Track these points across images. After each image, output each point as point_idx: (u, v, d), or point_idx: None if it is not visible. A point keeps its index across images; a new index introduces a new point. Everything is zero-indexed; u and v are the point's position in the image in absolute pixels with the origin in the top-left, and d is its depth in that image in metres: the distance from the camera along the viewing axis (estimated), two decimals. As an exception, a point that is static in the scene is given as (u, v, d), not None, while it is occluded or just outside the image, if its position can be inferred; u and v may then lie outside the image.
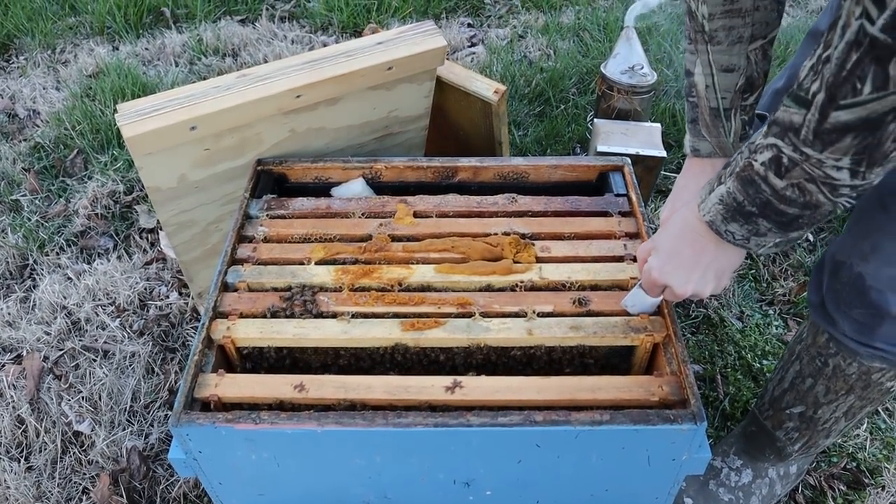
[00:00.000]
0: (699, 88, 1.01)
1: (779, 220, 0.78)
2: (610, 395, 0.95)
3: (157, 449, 1.54)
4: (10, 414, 1.58)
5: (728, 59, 0.97)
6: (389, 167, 1.33)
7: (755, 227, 0.80)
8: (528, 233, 1.18)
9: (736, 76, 0.98)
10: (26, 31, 2.89)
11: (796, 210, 0.76)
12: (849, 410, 1.19)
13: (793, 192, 0.74)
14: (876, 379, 1.12)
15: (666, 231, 0.92)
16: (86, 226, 2.05)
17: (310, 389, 0.96)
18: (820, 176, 0.71)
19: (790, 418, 1.27)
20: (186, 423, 0.91)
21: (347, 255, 1.15)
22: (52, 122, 2.40)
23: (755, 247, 0.83)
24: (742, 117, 1.02)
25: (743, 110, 1.01)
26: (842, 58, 0.63)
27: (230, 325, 1.04)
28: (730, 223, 0.81)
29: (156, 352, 1.72)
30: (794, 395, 1.24)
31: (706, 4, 0.94)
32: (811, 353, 1.18)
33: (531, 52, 2.73)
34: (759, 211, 0.78)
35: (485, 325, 1.03)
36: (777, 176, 0.74)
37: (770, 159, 0.74)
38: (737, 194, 0.79)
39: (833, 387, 1.17)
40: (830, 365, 1.15)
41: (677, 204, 1.05)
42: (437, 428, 0.90)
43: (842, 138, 0.66)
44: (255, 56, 2.73)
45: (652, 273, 0.93)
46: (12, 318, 1.80)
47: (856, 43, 0.61)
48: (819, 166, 0.70)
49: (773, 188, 0.75)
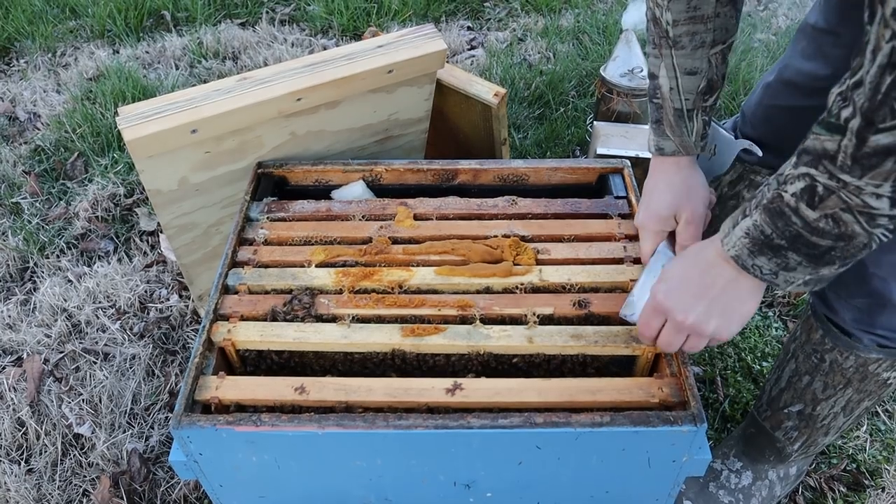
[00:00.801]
0: (663, 91, 1.04)
1: (810, 252, 0.76)
2: (610, 397, 0.95)
3: (157, 451, 1.54)
4: (10, 416, 1.58)
5: (691, 63, 1.00)
6: (390, 170, 1.33)
7: (784, 261, 0.79)
8: (528, 235, 1.18)
9: (698, 79, 1.02)
10: (27, 34, 2.89)
11: (829, 242, 0.74)
12: (847, 405, 1.20)
13: (826, 224, 0.73)
14: (873, 370, 1.12)
15: (679, 260, 0.92)
16: (86, 228, 2.05)
17: (310, 392, 0.97)
18: (858, 205, 0.69)
19: (789, 417, 1.28)
20: (187, 425, 0.92)
21: (348, 257, 1.15)
22: (52, 125, 2.41)
23: (783, 283, 0.81)
24: (703, 118, 1.05)
25: (704, 111, 1.05)
26: (875, 81, 0.62)
27: (231, 327, 1.05)
28: (757, 257, 0.80)
29: (156, 354, 1.72)
30: (792, 393, 1.25)
31: (670, 12, 0.98)
32: (806, 351, 1.19)
33: (531, 55, 2.74)
34: (788, 244, 0.77)
35: (485, 333, 1.03)
36: (809, 207, 0.73)
37: (802, 189, 0.73)
38: (765, 227, 0.77)
39: (831, 382, 1.17)
40: (827, 360, 1.15)
41: (651, 206, 1.07)
42: (437, 430, 0.90)
43: (883, 162, 0.65)
44: (256, 59, 2.74)
45: (657, 296, 0.92)
46: (13, 321, 1.80)
47: (889, 65, 0.60)
48: (857, 194, 0.68)
49: (805, 219, 0.74)
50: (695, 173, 1.08)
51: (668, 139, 1.07)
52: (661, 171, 1.09)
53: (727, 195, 1.48)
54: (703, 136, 1.07)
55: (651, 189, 1.09)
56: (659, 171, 1.09)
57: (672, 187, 1.07)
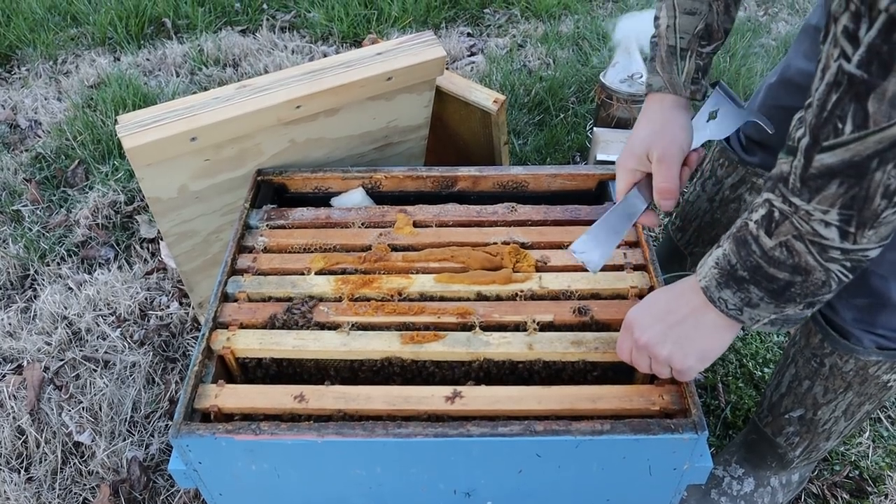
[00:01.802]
0: (661, 28, 1.06)
1: (769, 287, 0.75)
2: (610, 405, 0.95)
3: (157, 459, 1.54)
4: (10, 425, 1.58)
5: (691, 4, 1.03)
6: (389, 177, 1.33)
7: (747, 296, 0.77)
8: (527, 242, 1.18)
9: (696, 19, 1.03)
10: (28, 42, 2.90)
11: (786, 275, 0.73)
12: (848, 409, 1.19)
13: (781, 253, 0.72)
14: (873, 373, 1.12)
15: (667, 286, 0.92)
16: (87, 236, 2.05)
17: (310, 400, 0.96)
18: (808, 232, 0.69)
19: (790, 423, 1.27)
20: (186, 434, 0.91)
21: (347, 265, 1.15)
22: (53, 133, 2.41)
23: (749, 320, 0.80)
24: (697, 61, 1.05)
25: (699, 56, 1.05)
26: (822, 99, 0.62)
27: (230, 335, 1.04)
28: (723, 289, 0.79)
29: (156, 362, 1.72)
30: (793, 398, 1.24)
31: None
32: (806, 355, 1.18)
33: (530, 62, 2.74)
34: (749, 276, 0.76)
35: (485, 340, 1.02)
36: (767, 234, 0.72)
37: (763, 216, 0.73)
38: (731, 256, 0.77)
39: (831, 386, 1.17)
40: (827, 364, 1.15)
41: (628, 143, 1.06)
42: (437, 438, 0.90)
43: (827, 185, 0.65)
44: (256, 66, 2.74)
45: (628, 313, 0.93)
46: (13, 329, 1.80)
47: (835, 84, 0.61)
48: (807, 219, 0.68)
49: (763, 248, 0.73)
50: (678, 114, 1.05)
51: (658, 75, 1.06)
52: (646, 108, 1.08)
53: (729, 198, 1.48)
54: (696, 82, 1.06)
55: (636, 125, 1.08)
56: (645, 109, 1.09)
57: (650, 123, 1.06)
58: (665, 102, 1.06)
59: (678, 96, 1.06)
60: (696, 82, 1.06)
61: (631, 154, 1.05)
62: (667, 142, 1.02)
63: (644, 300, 0.92)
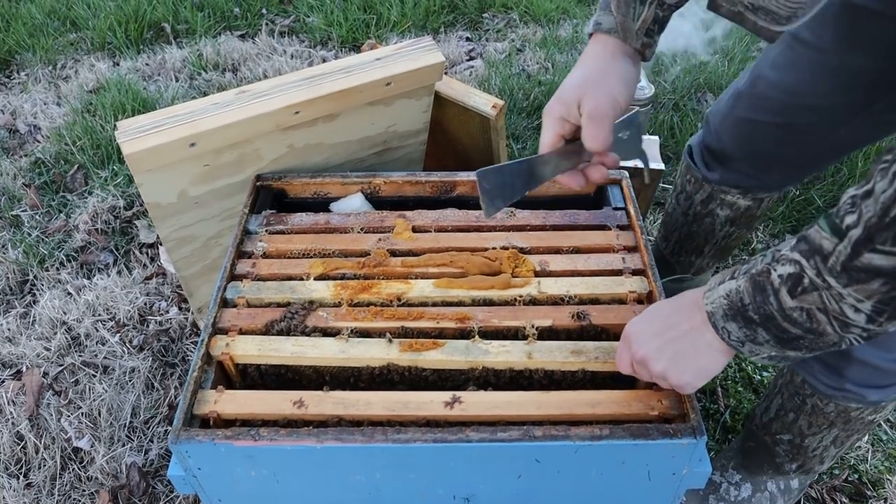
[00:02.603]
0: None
1: (779, 335, 0.75)
2: (609, 410, 0.95)
3: (156, 465, 1.54)
4: (9, 430, 1.58)
5: None
6: (388, 182, 1.33)
7: (753, 335, 0.77)
8: (526, 247, 1.18)
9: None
10: (27, 47, 2.91)
11: (799, 332, 0.73)
12: (836, 440, 1.19)
13: (800, 315, 0.72)
14: (856, 416, 1.11)
15: (668, 299, 0.91)
16: (86, 241, 2.05)
17: (309, 406, 0.96)
18: (835, 310, 0.69)
19: (780, 443, 1.28)
20: (185, 440, 0.91)
21: (346, 270, 1.15)
22: (52, 138, 2.41)
23: (748, 353, 0.79)
24: (657, 11, 0.93)
25: (660, 5, 0.94)
26: (889, 203, 0.61)
27: (229, 341, 1.04)
28: (729, 321, 0.78)
29: (155, 367, 1.72)
30: (780, 424, 1.24)
31: None
32: (790, 390, 1.18)
33: (529, 66, 2.75)
34: (760, 320, 0.75)
35: (483, 348, 1.02)
36: (790, 294, 0.71)
37: (790, 275, 0.71)
38: (745, 296, 0.76)
39: (815, 422, 1.16)
40: (809, 404, 1.15)
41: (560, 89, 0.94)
42: (436, 443, 0.90)
43: (870, 280, 0.64)
44: (255, 71, 2.75)
45: (627, 325, 0.92)
46: (12, 334, 1.80)
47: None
48: (838, 300, 0.68)
49: (781, 304, 0.73)
50: (621, 64, 0.94)
51: (611, 14, 0.95)
52: (587, 52, 0.97)
53: (701, 213, 1.46)
54: (650, 34, 0.95)
55: (576, 65, 0.96)
56: (586, 52, 0.97)
57: (585, 69, 0.94)
58: (608, 48, 0.95)
59: (625, 44, 0.95)
60: (649, 34, 0.95)
61: (560, 101, 0.93)
62: (601, 94, 0.90)
63: (645, 312, 0.91)
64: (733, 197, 1.39)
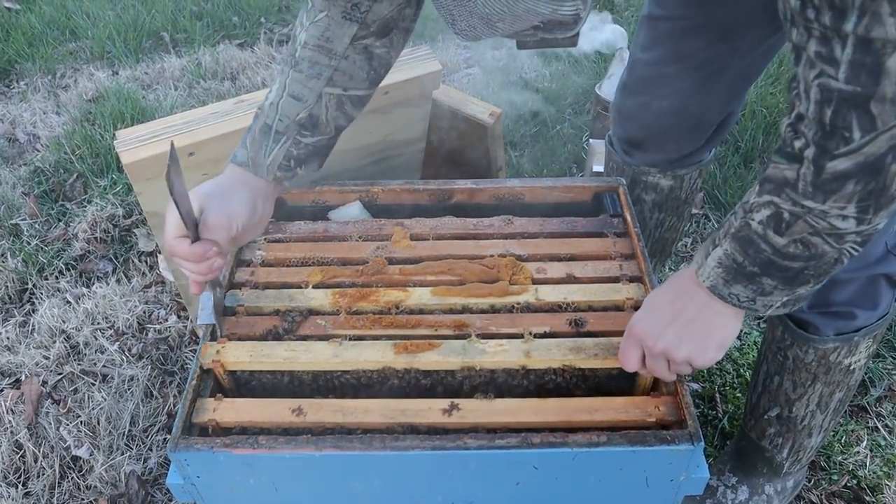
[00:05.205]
0: (265, 102, 1.04)
1: (783, 275, 0.78)
2: (607, 417, 0.95)
3: (155, 473, 1.54)
4: (8, 439, 1.58)
5: (300, 90, 1.02)
6: (386, 190, 1.34)
7: (760, 287, 0.80)
8: (524, 254, 1.19)
9: (301, 106, 1.02)
10: (27, 56, 2.92)
11: (801, 263, 0.76)
12: (820, 401, 1.21)
13: (796, 248, 0.75)
14: (834, 360, 1.14)
15: (659, 287, 0.93)
16: (85, 250, 2.06)
17: (308, 413, 0.97)
18: (825, 228, 0.72)
19: (770, 423, 1.29)
20: (184, 448, 0.92)
21: (344, 278, 1.15)
22: (51, 147, 2.42)
23: (762, 307, 0.82)
24: (292, 150, 1.04)
25: (296, 145, 1.04)
26: (817, 115, 0.66)
27: (220, 348, 1.04)
28: (733, 286, 0.81)
29: (154, 375, 1.72)
30: (768, 397, 1.27)
31: (306, 32, 1.00)
32: (773, 350, 1.21)
33: (527, 73, 2.76)
34: (761, 270, 0.78)
35: (480, 348, 1.03)
36: (777, 233, 0.75)
37: (769, 216, 0.75)
38: (736, 255, 0.79)
39: (798, 379, 1.19)
40: (790, 357, 1.17)
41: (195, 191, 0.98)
42: (434, 451, 0.90)
43: (843, 186, 0.68)
44: (254, 79, 2.76)
45: (631, 324, 0.93)
46: (11, 343, 1.80)
47: (824, 101, 0.65)
48: (823, 217, 0.71)
49: (774, 246, 0.76)
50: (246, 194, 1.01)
51: (245, 149, 1.04)
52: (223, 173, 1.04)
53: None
54: (286, 169, 1.04)
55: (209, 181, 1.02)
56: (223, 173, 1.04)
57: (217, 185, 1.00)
58: (237, 175, 1.03)
59: (256, 176, 1.03)
60: (285, 169, 1.04)
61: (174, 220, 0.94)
62: (219, 211, 0.97)
63: (644, 307, 0.92)
64: (654, 178, 1.43)
